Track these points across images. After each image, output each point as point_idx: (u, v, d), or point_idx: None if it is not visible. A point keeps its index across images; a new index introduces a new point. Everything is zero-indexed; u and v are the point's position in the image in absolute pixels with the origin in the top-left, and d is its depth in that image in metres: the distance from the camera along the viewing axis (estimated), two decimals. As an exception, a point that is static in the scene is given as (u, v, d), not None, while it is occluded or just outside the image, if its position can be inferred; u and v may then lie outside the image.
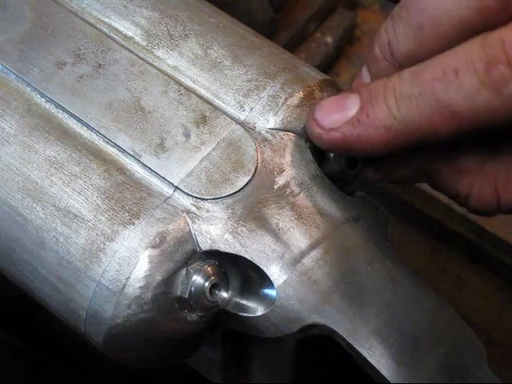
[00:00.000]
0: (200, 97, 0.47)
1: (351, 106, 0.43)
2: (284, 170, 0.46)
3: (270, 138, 0.46)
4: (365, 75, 0.46)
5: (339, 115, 0.43)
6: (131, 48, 0.50)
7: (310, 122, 0.45)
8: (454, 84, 0.39)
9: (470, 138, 0.42)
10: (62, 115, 0.48)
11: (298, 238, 0.44)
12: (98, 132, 0.47)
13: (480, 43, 0.39)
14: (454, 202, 0.47)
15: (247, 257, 0.44)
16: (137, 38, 0.50)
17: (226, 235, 0.44)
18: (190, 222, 0.44)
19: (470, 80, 0.39)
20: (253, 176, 0.45)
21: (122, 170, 0.46)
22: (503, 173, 0.45)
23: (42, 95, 0.48)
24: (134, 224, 0.44)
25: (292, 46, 0.95)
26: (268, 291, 0.44)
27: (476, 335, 0.44)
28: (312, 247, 0.44)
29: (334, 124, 0.44)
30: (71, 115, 0.48)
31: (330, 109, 0.44)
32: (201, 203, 0.45)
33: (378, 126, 0.42)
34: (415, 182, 0.73)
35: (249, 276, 0.45)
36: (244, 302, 0.45)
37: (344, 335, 0.42)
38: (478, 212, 0.46)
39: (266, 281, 0.44)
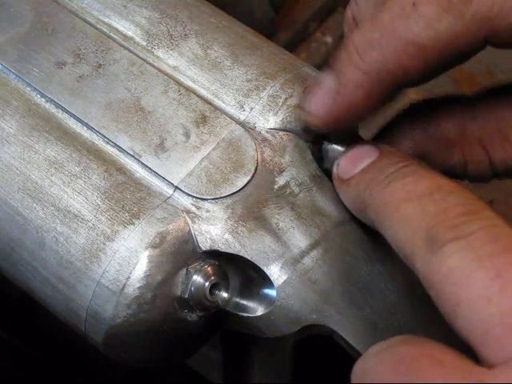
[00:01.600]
0: (200, 97, 0.47)
1: (328, 82, 0.43)
2: (284, 170, 0.46)
3: (270, 138, 0.46)
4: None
5: (321, 94, 0.43)
6: (131, 48, 0.49)
7: (301, 114, 0.45)
8: (414, 16, 0.39)
9: (439, 70, 0.41)
10: (61, 115, 0.48)
11: (298, 238, 0.44)
12: (97, 132, 0.47)
13: None
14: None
15: (247, 257, 0.44)
16: (137, 38, 0.50)
17: (226, 235, 0.44)
18: (190, 221, 0.44)
19: (429, 8, 0.38)
20: (253, 176, 0.45)
21: (122, 169, 0.46)
22: (486, 132, 0.45)
23: (42, 95, 0.48)
24: (133, 224, 0.44)
25: (292, 46, 0.95)
26: (268, 291, 0.44)
27: None
28: (312, 247, 0.44)
29: (322, 107, 0.44)
30: (71, 115, 0.48)
31: (313, 94, 0.44)
32: (201, 203, 0.45)
33: (352, 87, 0.42)
34: None
35: (249, 276, 0.45)
36: (244, 301, 0.45)
37: (344, 335, 0.42)
38: (480, 179, 0.46)
39: (265, 281, 0.44)
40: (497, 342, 0.32)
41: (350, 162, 0.43)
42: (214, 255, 0.44)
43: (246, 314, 0.44)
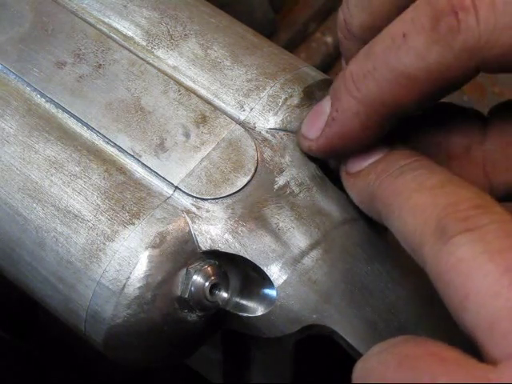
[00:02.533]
0: (200, 97, 0.47)
1: (326, 108, 0.44)
2: (284, 170, 0.46)
3: (269, 138, 0.46)
4: (344, 66, 0.46)
5: (319, 122, 0.44)
6: (131, 48, 0.50)
7: (299, 138, 0.46)
8: (404, 48, 0.39)
9: (434, 98, 0.41)
10: (62, 115, 0.48)
11: (298, 238, 0.44)
12: (98, 132, 0.47)
13: (425, 0, 0.39)
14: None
15: (247, 257, 0.44)
16: (137, 38, 0.50)
17: (226, 235, 0.44)
18: (190, 221, 0.44)
19: (418, 40, 0.38)
20: (253, 176, 0.45)
21: (122, 169, 0.46)
22: (490, 156, 0.45)
23: (42, 95, 0.48)
24: (133, 224, 0.44)
25: (292, 46, 0.95)
26: (268, 291, 0.44)
27: None
28: (312, 247, 0.44)
29: (317, 132, 0.44)
30: (71, 115, 0.48)
31: (311, 119, 0.45)
32: (201, 203, 0.45)
33: (348, 116, 0.42)
34: None
35: (249, 276, 0.45)
36: (244, 302, 0.45)
37: (344, 335, 0.42)
38: None
39: (266, 281, 0.44)
40: (503, 337, 0.32)
41: (360, 156, 0.44)
42: (214, 255, 0.44)
43: (245, 314, 0.44)
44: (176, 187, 0.45)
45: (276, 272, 0.44)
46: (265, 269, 0.44)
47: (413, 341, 0.35)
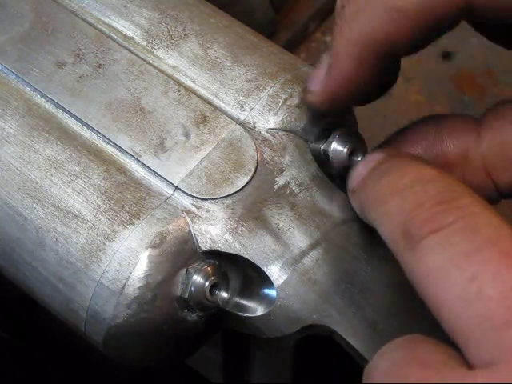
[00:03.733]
0: (200, 97, 0.47)
1: (324, 58, 0.44)
2: (284, 170, 0.46)
3: (269, 138, 0.46)
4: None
5: (318, 71, 0.44)
6: (131, 48, 0.50)
7: (305, 95, 0.46)
8: None
9: (425, 38, 0.41)
10: (61, 115, 0.48)
11: (298, 238, 0.44)
12: (97, 132, 0.47)
13: None
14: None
15: (247, 257, 0.44)
16: (137, 38, 0.50)
17: (226, 235, 0.44)
18: (189, 221, 0.44)
19: None
20: (253, 176, 0.45)
21: (122, 169, 0.46)
22: (489, 158, 0.45)
23: (42, 95, 0.48)
24: (133, 224, 0.44)
25: (292, 46, 0.95)
26: (268, 291, 0.44)
27: None
28: (312, 247, 0.44)
29: (319, 83, 0.44)
30: (71, 115, 0.48)
31: (314, 73, 0.45)
32: (201, 203, 0.45)
33: (342, 58, 0.42)
34: None
35: (249, 276, 0.45)
36: (244, 302, 0.45)
37: (344, 335, 0.42)
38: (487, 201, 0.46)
39: (265, 281, 0.44)
40: (477, 346, 0.32)
41: (357, 172, 0.43)
42: (214, 255, 0.44)
43: (245, 314, 0.44)
44: (176, 187, 0.45)
45: (276, 272, 0.44)
46: (265, 269, 0.44)
47: (405, 344, 0.35)
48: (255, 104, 0.47)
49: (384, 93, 0.46)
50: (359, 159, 0.46)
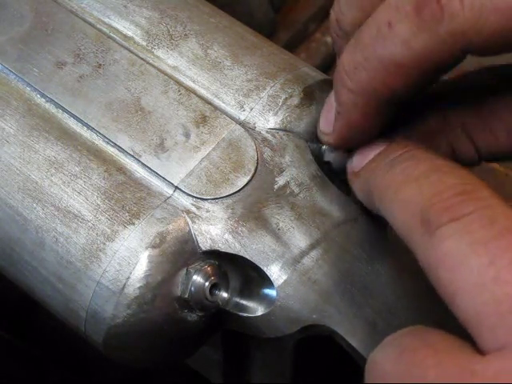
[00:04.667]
0: (200, 97, 0.47)
1: (330, 101, 0.44)
2: (284, 170, 0.46)
3: (270, 138, 0.46)
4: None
5: (330, 116, 0.44)
6: (131, 48, 0.50)
7: (319, 134, 0.46)
8: (390, 36, 0.39)
9: (425, 83, 0.42)
10: (62, 115, 0.48)
11: (298, 238, 0.44)
12: (98, 132, 0.47)
13: None
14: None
15: (247, 257, 0.44)
16: (137, 38, 0.50)
17: (226, 235, 0.44)
18: (189, 221, 0.44)
19: (403, 28, 0.39)
20: (253, 176, 0.45)
21: (122, 169, 0.46)
22: (467, 119, 0.45)
23: (42, 95, 0.48)
24: (134, 224, 0.44)
25: (292, 46, 0.95)
26: (268, 291, 0.44)
27: None
28: (312, 247, 0.44)
29: (330, 126, 0.45)
30: (71, 115, 0.48)
31: (324, 114, 0.45)
32: (201, 203, 0.45)
33: (348, 108, 0.43)
34: None
35: (249, 276, 0.45)
36: (244, 302, 0.45)
37: (344, 335, 0.42)
38: (470, 164, 0.47)
39: (265, 281, 0.44)
40: (490, 331, 0.33)
41: (361, 155, 0.44)
42: (214, 255, 0.44)
43: (245, 314, 0.44)
44: (176, 187, 0.45)
45: (276, 272, 0.44)
46: (265, 269, 0.44)
47: (414, 332, 0.36)
48: (255, 104, 0.47)
49: None
50: None
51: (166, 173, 0.45)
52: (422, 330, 0.36)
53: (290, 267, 0.44)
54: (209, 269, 0.44)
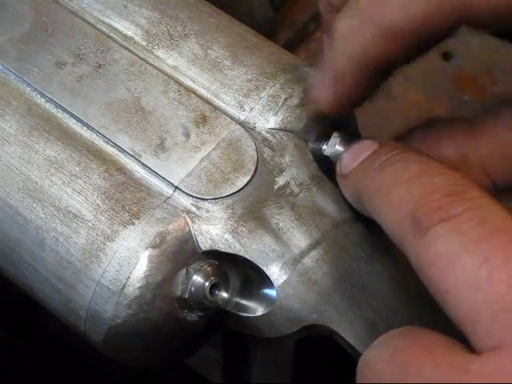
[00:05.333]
0: (200, 97, 0.47)
1: (325, 68, 0.44)
2: (284, 170, 0.46)
3: (270, 138, 0.46)
4: (325, 42, 0.47)
5: (322, 82, 0.44)
6: (131, 48, 0.50)
7: (309, 103, 0.46)
8: (388, 1, 0.40)
9: (421, 49, 0.42)
10: (62, 115, 0.48)
11: (298, 238, 0.44)
12: (97, 132, 0.47)
13: None
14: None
15: (247, 257, 0.44)
16: (137, 38, 0.50)
17: (226, 235, 0.44)
18: (189, 221, 0.44)
19: None
20: (253, 176, 0.45)
21: (121, 169, 0.46)
22: (487, 155, 0.45)
23: (42, 95, 0.48)
24: (134, 224, 0.44)
25: (292, 46, 0.95)
26: (268, 291, 0.44)
27: None
28: (312, 247, 0.44)
29: (324, 94, 0.44)
30: (71, 115, 0.48)
31: (315, 81, 0.45)
32: (201, 203, 0.45)
33: (343, 74, 0.43)
34: None
35: (249, 276, 0.45)
36: (244, 302, 0.45)
37: (344, 335, 0.42)
38: None
39: (265, 281, 0.44)
40: (485, 331, 0.33)
41: (351, 157, 0.44)
42: (214, 255, 0.44)
43: (245, 314, 0.44)
44: (176, 187, 0.45)
45: (276, 272, 0.44)
46: (265, 269, 0.44)
47: (407, 333, 0.36)
48: (255, 104, 0.47)
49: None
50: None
51: (165, 173, 0.45)
52: (415, 330, 0.36)
53: (290, 267, 0.44)
54: (209, 269, 0.44)
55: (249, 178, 0.45)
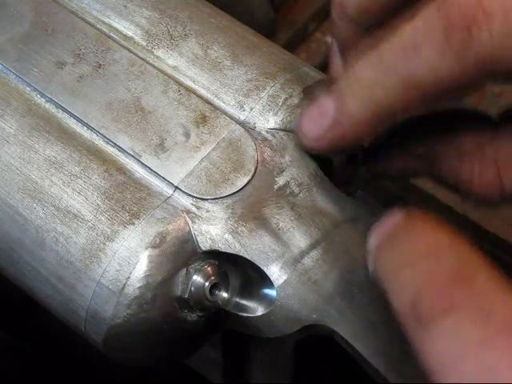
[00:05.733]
0: (200, 97, 0.47)
1: (328, 109, 0.43)
2: (284, 170, 0.46)
3: (270, 137, 0.46)
4: (334, 48, 0.47)
5: (321, 124, 0.44)
6: (131, 48, 0.50)
7: (299, 136, 0.45)
8: (416, 60, 0.39)
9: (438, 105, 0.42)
10: (62, 115, 0.48)
11: (298, 238, 0.44)
12: (97, 132, 0.47)
13: (435, 10, 0.38)
14: (453, 203, 0.47)
15: (247, 257, 0.44)
16: (137, 38, 0.50)
17: (226, 235, 0.44)
18: (189, 221, 0.44)
19: (430, 52, 0.39)
20: (253, 176, 0.45)
21: (121, 169, 0.46)
22: (503, 154, 0.45)
23: (42, 95, 0.48)
24: (134, 224, 0.44)
25: (292, 46, 0.95)
26: (268, 291, 0.44)
27: None
28: (312, 247, 0.44)
29: (319, 134, 0.44)
30: (71, 115, 0.48)
31: (311, 121, 0.45)
32: (201, 203, 0.45)
33: (355, 121, 0.42)
34: (415, 176, 0.72)
35: (249, 276, 0.45)
36: (244, 302, 0.45)
37: (344, 335, 0.42)
38: (483, 201, 0.46)
39: (265, 281, 0.44)
40: None
41: (376, 233, 0.40)
42: (214, 255, 0.44)
43: (245, 314, 0.44)
44: (176, 187, 0.45)
45: (276, 272, 0.44)
46: (265, 269, 0.44)
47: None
48: (255, 104, 0.47)
49: None
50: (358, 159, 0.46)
51: (165, 173, 0.45)
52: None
53: (290, 267, 0.44)
54: (209, 269, 0.44)
55: (249, 178, 0.45)
